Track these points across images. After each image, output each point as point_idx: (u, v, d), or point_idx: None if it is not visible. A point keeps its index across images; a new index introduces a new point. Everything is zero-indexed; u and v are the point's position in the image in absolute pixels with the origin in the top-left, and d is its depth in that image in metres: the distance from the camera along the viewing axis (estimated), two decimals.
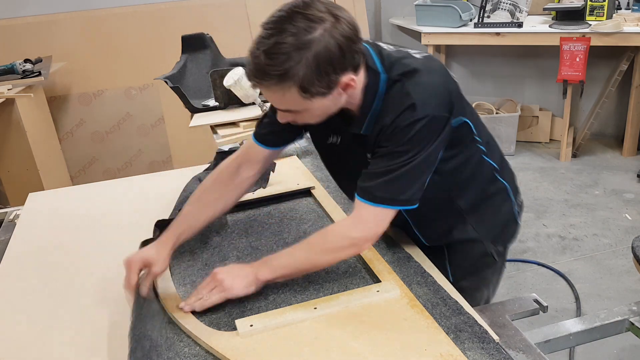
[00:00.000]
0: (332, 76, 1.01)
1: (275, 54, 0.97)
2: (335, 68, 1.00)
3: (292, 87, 0.99)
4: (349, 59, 1.02)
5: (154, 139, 3.91)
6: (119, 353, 1.09)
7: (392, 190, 1.09)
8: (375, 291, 1.17)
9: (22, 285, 1.35)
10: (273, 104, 1.10)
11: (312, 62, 0.97)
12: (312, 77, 0.98)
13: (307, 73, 0.98)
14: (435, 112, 1.07)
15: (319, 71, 0.98)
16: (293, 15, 0.98)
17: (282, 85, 0.99)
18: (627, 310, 1.28)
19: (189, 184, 1.66)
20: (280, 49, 0.96)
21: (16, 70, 3.09)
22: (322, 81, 1.00)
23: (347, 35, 1.00)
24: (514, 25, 3.66)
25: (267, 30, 0.99)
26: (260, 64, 0.99)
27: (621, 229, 3.06)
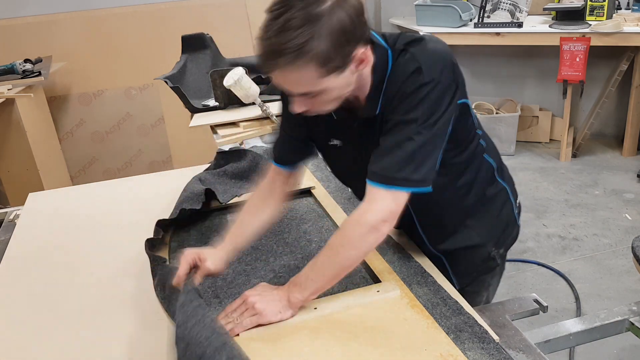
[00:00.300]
0: (347, 48, 0.97)
1: (288, 31, 0.93)
2: (349, 40, 0.97)
3: (309, 64, 0.95)
4: (361, 30, 0.99)
5: (154, 139, 3.91)
6: (119, 353, 1.09)
7: (405, 170, 1.03)
8: (375, 291, 1.17)
9: (22, 285, 1.35)
10: (288, 90, 1.04)
11: (327, 34, 0.93)
12: (329, 49, 0.94)
13: (323, 46, 0.94)
14: (441, 78, 1.04)
15: (335, 43, 0.95)
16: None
17: (298, 62, 0.95)
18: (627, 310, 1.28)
19: (189, 183, 1.66)
20: (292, 25, 0.93)
21: (16, 70, 3.09)
22: (339, 54, 0.96)
23: (356, 7, 0.98)
24: (514, 25, 3.66)
25: (274, 12, 0.95)
26: (272, 45, 0.95)
27: (621, 229, 3.06)
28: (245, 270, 1.32)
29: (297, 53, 0.93)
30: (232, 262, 1.35)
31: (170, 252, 1.43)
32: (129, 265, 1.38)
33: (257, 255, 1.37)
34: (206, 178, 1.72)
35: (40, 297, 1.29)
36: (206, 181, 1.69)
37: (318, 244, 1.40)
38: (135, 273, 1.34)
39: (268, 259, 1.35)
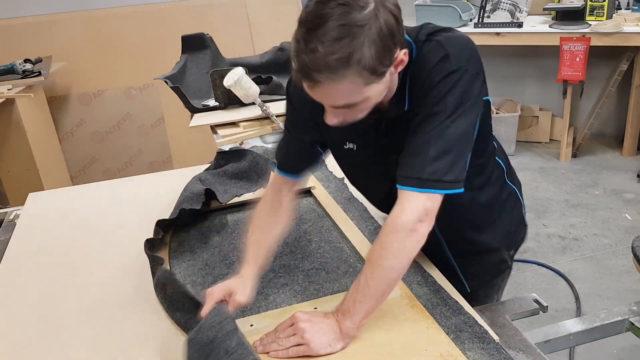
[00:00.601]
0: (393, 51, 0.91)
1: (335, 40, 0.85)
2: (395, 42, 0.91)
3: (355, 76, 0.88)
4: (401, 32, 0.93)
5: (154, 139, 3.91)
6: (119, 353, 1.09)
7: (436, 170, 0.97)
8: None
9: (22, 285, 1.35)
10: (328, 102, 0.97)
11: (372, 42, 0.87)
12: (375, 58, 0.88)
13: (369, 55, 0.87)
14: (469, 66, 0.98)
15: (380, 50, 0.88)
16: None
17: (345, 76, 0.88)
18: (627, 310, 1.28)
19: (189, 183, 1.66)
20: (334, 36, 0.85)
21: (16, 70, 3.09)
22: (384, 60, 0.90)
23: (396, 6, 0.92)
24: (514, 25, 3.66)
25: (310, 24, 0.87)
26: (314, 60, 0.87)
27: (621, 229, 3.06)
28: None
29: (343, 66, 0.87)
30: (232, 262, 1.36)
31: (170, 252, 1.43)
32: (128, 265, 1.38)
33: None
34: (206, 178, 1.72)
35: (40, 297, 1.29)
36: (206, 181, 1.69)
37: (318, 244, 1.40)
38: (135, 273, 1.34)
39: (267, 259, 1.35)
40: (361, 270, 1.03)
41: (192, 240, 1.48)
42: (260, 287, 1.23)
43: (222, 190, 1.65)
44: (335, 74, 0.88)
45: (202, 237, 1.49)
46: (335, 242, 1.41)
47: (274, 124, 2.16)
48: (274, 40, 2.95)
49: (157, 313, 1.19)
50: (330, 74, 0.88)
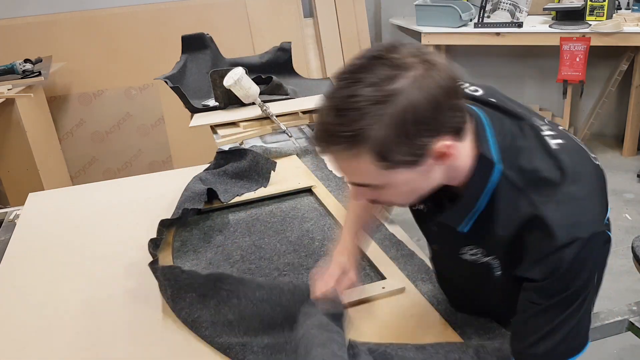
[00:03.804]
0: (419, 140, 0.76)
1: (346, 110, 0.75)
2: (424, 129, 0.76)
3: (366, 153, 0.76)
4: (446, 117, 0.77)
5: (154, 139, 3.91)
6: (120, 353, 1.09)
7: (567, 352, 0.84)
8: (380, 288, 1.18)
9: (22, 285, 1.35)
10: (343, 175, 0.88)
11: (393, 120, 0.73)
12: (393, 140, 0.75)
13: (385, 134, 0.74)
14: (591, 232, 0.79)
15: (402, 132, 0.74)
16: (373, 61, 0.76)
17: (354, 150, 0.77)
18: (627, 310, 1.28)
19: (190, 183, 1.67)
20: (353, 104, 0.74)
21: (16, 70, 3.09)
22: (406, 146, 0.76)
23: (444, 86, 0.76)
24: (514, 25, 3.66)
25: (340, 82, 0.78)
26: (327, 124, 0.78)
27: (621, 229, 3.06)
28: (250, 269, 1.32)
29: (352, 139, 0.76)
30: (236, 261, 1.36)
31: (174, 252, 1.43)
32: (129, 266, 1.38)
33: (261, 254, 1.38)
34: (206, 178, 1.72)
35: (40, 297, 1.29)
36: (207, 181, 1.69)
37: (321, 242, 1.41)
38: (135, 273, 1.34)
39: (272, 257, 1.36)
40: None
41: (195, 240, 1.48)
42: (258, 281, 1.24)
43: (223, 190, 1.66)
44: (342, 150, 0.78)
45: (204, 237, 1.49)
46: None
47: (274, 124, 2.16)
48: (274, 40, 2.95)
49: (158, 313, 1.19)
50: (338, 148, 0.79)
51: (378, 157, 0.77)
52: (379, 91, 0.74)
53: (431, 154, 0.78)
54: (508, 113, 0.89)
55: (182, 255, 1.41)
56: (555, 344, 0.81)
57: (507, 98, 0.96)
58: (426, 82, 0.75)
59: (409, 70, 0.74)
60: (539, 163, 0.82)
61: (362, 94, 0.74)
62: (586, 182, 0.82)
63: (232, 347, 1.03)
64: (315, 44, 4.23)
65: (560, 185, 0.80)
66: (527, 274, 0.81)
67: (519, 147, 0.84)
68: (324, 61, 4.20)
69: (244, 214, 1.60)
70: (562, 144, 0.85)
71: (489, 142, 0.84)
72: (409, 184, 0.82)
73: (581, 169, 0.83)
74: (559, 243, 0.77)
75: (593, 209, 0.81)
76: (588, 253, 0.78)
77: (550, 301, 0.80)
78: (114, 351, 1.09)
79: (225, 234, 1.49)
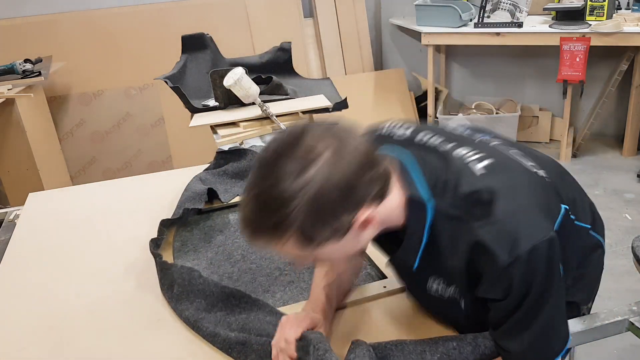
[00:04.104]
0: (338, 219, 0.80)
1: (265, 203, 0.79)
2: (341, 209, 0.79)
3: (291, 239, 0.80)
4: (362, 192, 0.80)
5: (154, 139, 3.91)
6: (120, 353, 1.09)
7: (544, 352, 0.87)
8: (382, 287, 1.19)
9: (22, 285, 1.35)
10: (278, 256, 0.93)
11: (309, 207, 0.77)
12: (313, 224, 0.79)
13: (305, 221, 0.78)
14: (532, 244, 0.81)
15: (320, 216, 0.78)
16: (283, 153, 0.79)
17: (278, 239, 0.81)
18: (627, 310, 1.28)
19: (191, 183, 1.67)
20: (270, 197, 0.78)
21: (16, 70, 3.09)
22: (327, 226, 0.80)
23: (354, 166, 0.79)
24: (514, 25, 3.66)
25: (257, 174, 0.81)
26: (249, 217, 0.82)
27: (621, 229, 3.06)
28: (250, 269, 1.33)
29: (273, 231, 0.80)
30: (237, 260, 1.36)
31: (174, 252, 1.44)
32: (128, 265, 1.38)
33: (262, 253, 1.38)
34: (206, 178, 1.72)
35: (40, 297, 1.29)
36: (207, 181, 1.70)
37: None
38: (135, 273, 1.34)
39: (273, 257, 1.36)
40: None
41: (196, 240, 1.48)
42: (266, 285, 1.24)
43: (223, 190, 1.66)
44: (266, 238, 0.82)
45: (205, 237, 1.49)
46: None
47: (274, 124, 2.16)
48: (274, 40, 2.95)
49: (158, 313, 1.19)
50: (262, 237, 0.82)
51: (302, 240, 0.80)
52: (293, 184, 0.76)
53: (354, 225, 0.82)
54: (433, 149, 0.93)
55: (183, 255, 1.41)
56: (532, 341, 0.85)
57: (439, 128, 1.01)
58: (336, 167, 0.77)
59: (317, 159, 0.77)
60: (467, 189, 0.85)
61: (278, 188, 0.77)
62: (519, 195, 0.86)
63: (233, 347, 1.03)
64: (315, 44, 4.23)
65: (491, 205, 0.83)
66: (489, 295, 0.86)
67: (446, 180, 0.87)
68: (324, 61, 4.20)
69: None
70: (488, 164, 0.88)
71: (415, 184, 0.88)
72: (340, 251, 0.86)
73: (511, 182, 0.87)
74: (503, 264, 0.80)
75: (529, 220, 0.83)
76: (535, 263, 0.81)
77: (517, 311, 0.84)
78: (116, 350, 1.09)
79: (225, 234, 1.49)
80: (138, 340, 1.12)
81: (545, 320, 0.85)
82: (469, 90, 4.44)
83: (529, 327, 0.84)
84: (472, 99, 4.29)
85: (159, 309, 1.20)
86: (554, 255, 0.82)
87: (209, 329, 1.08)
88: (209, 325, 1.09)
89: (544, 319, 0.84)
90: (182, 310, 1.15)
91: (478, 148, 0.93)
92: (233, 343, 1.03)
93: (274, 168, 0.78)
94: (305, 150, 0.78)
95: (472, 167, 0.88)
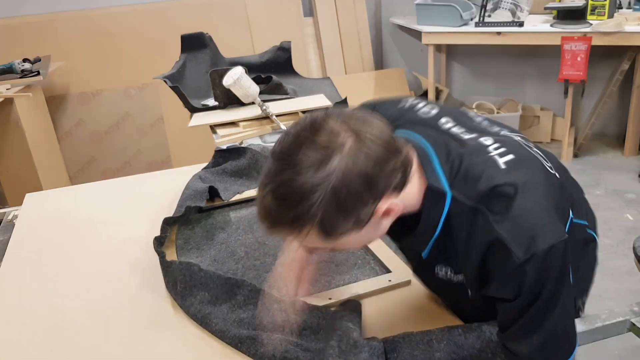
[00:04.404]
0: (359, 211, 0.79)
1: (285, 195, 0.77)
2: (362, 201, 0.79)
3: (311, 231, 0.79)
4: (383, 183, 0.79)
5: (153, 138, 3.90)
6: (120, 353, 1.08)
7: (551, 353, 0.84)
8: (387, 280, 1.19)
9: (22, 285, 1.34)
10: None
11: (330, 200, 0.76)
12: (334, 216, 0.78)
13: (326, 213, 0.77)
14: (549, 243, 0.79)
15: (342, 209, 0.77)
16: (303, 142, 0.77)
17: (298, 231, 0.80)
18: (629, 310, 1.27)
19: (191, 182, 1.67)
20: (291, 189, 0.77)
21: (15, 69, 3.08)
22: (349, 218, 0.79)
23: (376, 156, 0.78)
24: (515, 25, 3.65)
25: (277, 165, 0.79)
26: (268, 209, 0.80)
27: (622, 230, 3.05)
28: (254, 265, 1.33)
29: (294, 224, 0.79)
30: (240, 257, 1.36)
31: (177, 250, 1.43)
32: (128, 265, 1.37)
33: (265, 250, 1.38)
34: (206, 176, 1.72)
35: (40, 298, 1.28)
36: (206, 179, 1.70)
37: None
38: (135, 272, 1.34)
39: (276, 253, 1.35)
40: None
41: (198, 238, 1.48)
42: (272, 280, 1.24)
43: (223, 188, 1.66)
44: (286, 231, 0.82)
45: (207, 234, 1.49)
46: None
47: (273, 123, 2.15)
48: (274, 40, 2.94)
49: (158, 313, 1.18)
50: (281, 229, 0.82)
51: (323, 232, 0.79)
52: (314, 175, 0.75)
53: (375, 215, 0.81)
54: (455, 137, 0.92)
55: (186, 252, 1.41)
56: (541, 343, 0.82)
57: (460, 114, 0.99)
58: (358, 157, 0.76)
59: (338, 149, 0.76)
60: (490, 182, 0.83)
61: (298, 180, 0.76)
62: (538, 193, 0.83)
63: (243, 341, 1.03)
64: (315, 43, 4.22)
65: (512, 200, 0.81)
66: (499, 294, 0.83)
67: (467, 170, 0.86)
68: (324, 61, 4.19)
69: (245, 211, 1.60)
70: (510, 160, 0.86)
71: (436, 172, 0.86)
72: (360, 239, 0.86)
73: (532, 180, 0.85)
74: (519, 261, 0.78)
75: (548, 219, 0.81)
76: (551, 262, 0.79)
77: (528, 312, 0.81)
78: (116, 350, 1.09)
79: (227, 232, 1.49)
80: (139, 340, 1.11)
81: (556, 323, 0.82)
82: (469, 90, 4.43)
83: (538, 329, 0.82)
84: (473, 99, 4.28)
85: (160, 308, 1.20)
86: (567, 257, 0.81)
87: (217, 325, 1.08)
88: (218, 321, 1.09)
89: (555, 321, 0.82)
90: (188, 307, 1.15)
91: (501, 141, 0.91)
92: (243, 338, 1.03)
93: (294, 158, 0.77)
94: (327, 140, 0.77)
95: (496, 160, 0.86)
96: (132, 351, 1.08)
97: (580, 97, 4.00)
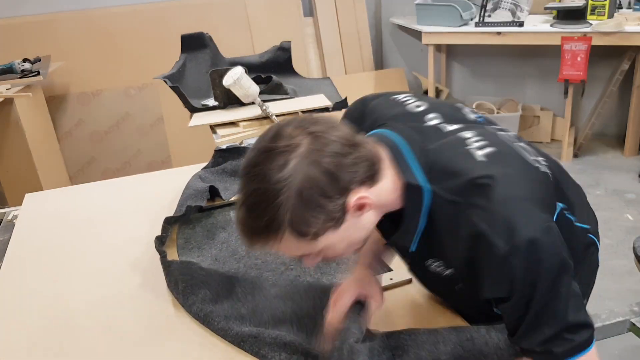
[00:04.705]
0: (329, 206, 0.81)
1: (254, 205, 0.81)
2: (329, 196, 0.80)
3: (287, 235, 0.81)
4: (346, 177, 0.81)
5: (153, 138, 3.90)
6: (118, 353, 1.08)
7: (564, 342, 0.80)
8: (389, 279, 1.20)
9: (22, 285, 1.34)
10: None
11: (297, 199, 0.78)
12: (305, 215, 0.80)
13: (295, 214, 0.79)
14: (530, 236, 0.78)
15: (310, 206, 0.80)
16: (263, 153, 0.82)
17: (274, 237, 0.82)
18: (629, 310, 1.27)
19: (191, 181, 1.67)
20: (257, 198, 0.80)
21: (15, 69, 3.08)
22: (320, 215, 0.81)
23: (334, 151, 0.80)
24: (515, 25, 3.65)
25: (244, 179, 0.83)
26: (242, 223, 0.84)
27: (622, 230, 3.05)
28: (256, 264, 1.33)
29: (268, 231, 0.81)
30: (241, 256, 1.36)
31: (178, 249, 1.44)
32: (129, 265, 1.38)
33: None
34: (206, 176, 1.72)
35: (40, 298, 1.28)
36: (206, 179, 1.70)
37: None
38: (135, 272, 1.34)
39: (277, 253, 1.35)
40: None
41: (199, 237, 1.48)
42: (272, 280, 1.24)
43: (223, 188, 1.67)
44: (263, 239, 0.83)
45: (208, 234, 1.50)
46: None
47: (273, 123, 2.15)
48: (274, 40, 2.94)
49: (158, 313, 1.19)
50: (259, 239, 0.83)
51: (296, 233, 0.81)
52: (276, 179, 0.78)
53: (348, 210, 0.82)
54: (437, 132, 0.93)
55: (187, 252, 1.41)
56: (553, 335, 0.80)
57: (453, 109, 1.01)
58: (315, 155, 0.79)
59: (295, 150, 0.79)
60: (467, 175, 0.84)
61: (262, 187, 0.79)
62: (515, 186, 0.83)
63: (245, 340, 1.04)
64: (315, 43, 4.22)
65: (490, 192, 0.81)
66: (493, 293, 0.82)
67: (445, 164, 0.87)
68: (324, 61, 4.19)
69: None
70: (489, 153, 0.87)
71: (411, 169, 0.87)
72: (344, 240, 0.86)
73: (509, 173, 0.84)
74: (501, 252, 0.77)
75: (527, 209, 0.81)
76: (537, 254, 0.77)
77: (530, 308, 0.79)
78: (117, 350, 1.09)
79: (228, 231, 1.50)
80: (139, 340, 1.11)
81: (565, 313, 0.80)
82: (469, 90, 4.43)
83: (548, 321, 0.80)
84: (473, 99, 4.28)
85: (160, 308, 1.20)
86: (555, 242, 0.80)
87: (220, 323, 1.09)
88: (220, 319, 1.10)
89: (562, 311, 0.80)
90: (190, 306, 1.16)
91: (482, 135, 0.91)
92: (246, 336, 1.04)
93: (258, 168, 0.80)
94: (285, 145, 0.80)
95: (473, 153, 0.87)
96: (132, 351, 1.08)
97: (580, 97, 4.00)
